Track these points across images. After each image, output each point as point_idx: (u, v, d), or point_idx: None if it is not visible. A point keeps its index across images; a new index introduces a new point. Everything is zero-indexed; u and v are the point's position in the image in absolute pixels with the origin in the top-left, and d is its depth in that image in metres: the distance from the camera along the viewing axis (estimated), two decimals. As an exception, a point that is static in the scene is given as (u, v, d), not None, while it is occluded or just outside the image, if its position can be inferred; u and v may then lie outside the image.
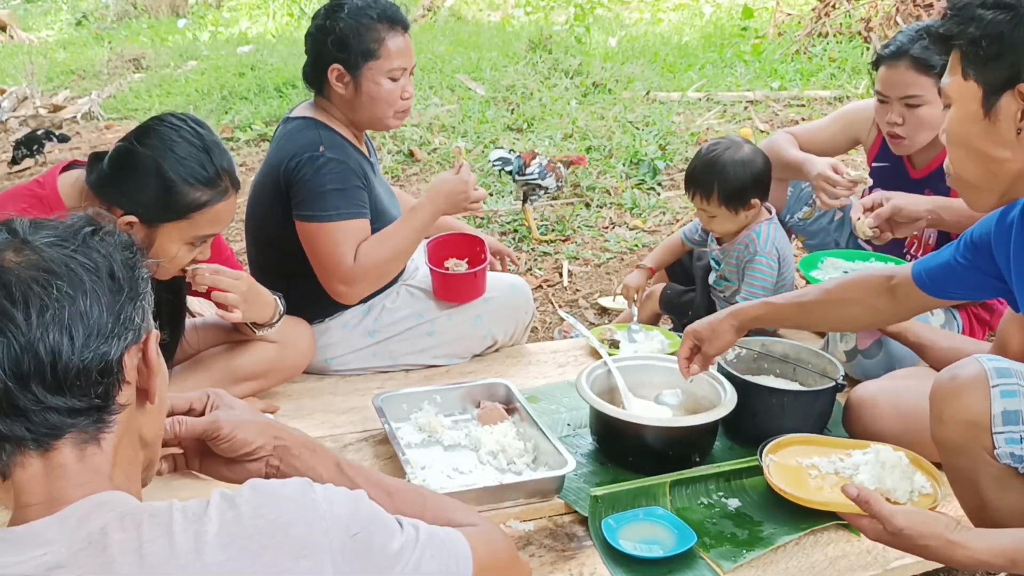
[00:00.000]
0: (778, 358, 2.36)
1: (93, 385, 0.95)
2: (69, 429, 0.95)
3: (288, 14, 10.95)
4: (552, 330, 3.34)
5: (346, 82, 2.42)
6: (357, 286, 2.45)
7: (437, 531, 1.08)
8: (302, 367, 2.51)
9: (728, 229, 2.71)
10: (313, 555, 0.93)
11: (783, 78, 6.44)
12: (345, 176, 2.39)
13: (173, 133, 1.91)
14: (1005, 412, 1.53)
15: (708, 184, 2.63)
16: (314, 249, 2.41)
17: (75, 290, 0.94)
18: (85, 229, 0.99)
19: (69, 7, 12.88)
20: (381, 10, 2.42)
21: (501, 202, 4.53)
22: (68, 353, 0.93)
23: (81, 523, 0.92)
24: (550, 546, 1.88)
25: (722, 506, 1.99)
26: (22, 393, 0.92)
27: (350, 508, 1.00)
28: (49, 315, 0.92)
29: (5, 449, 0.95)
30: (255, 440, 1.22)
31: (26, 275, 0.93)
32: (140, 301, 1.00)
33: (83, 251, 0.97)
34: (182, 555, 0.90)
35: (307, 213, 2.38)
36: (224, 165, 1.95)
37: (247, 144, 5.86)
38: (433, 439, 2.20)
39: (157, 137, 1.91)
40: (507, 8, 10.01)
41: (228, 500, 0.95)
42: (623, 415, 2.08)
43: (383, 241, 2.46)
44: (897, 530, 1.42)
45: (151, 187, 1.89)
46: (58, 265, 0.95)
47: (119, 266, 0.99)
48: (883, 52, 2.49)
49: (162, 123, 1.94)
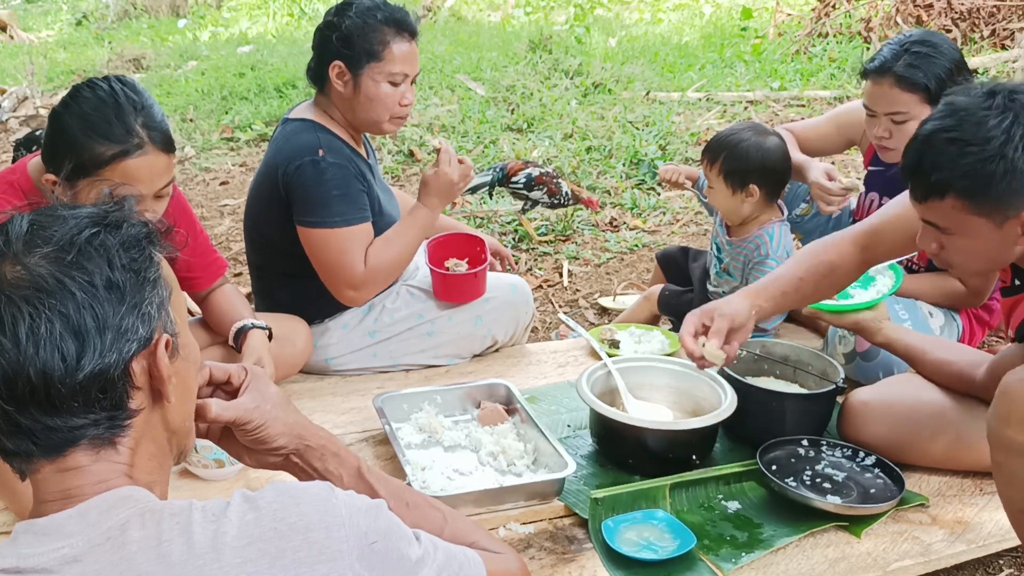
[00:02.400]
0: (778, 360, 2.35)
1: (95, 401, 0.94)
2: (79, 440, 0.95)
3: (288, 14, 10.96)
4: (552, 330, 3.34)
5: (346, 80, 2.42)
6: (366, 290, 2.46)
7: (455, 551, 1.08)
8: (299, 365, 2.52)
9: (723, 208, 2.72)
10: (331, 561, 0.93)
11: (783, 78, 6.44)
12: (347, 180, 2.39)
13: (88, 91, 1.91)
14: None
15: (717, 152, 2.67)
16: (321, 255, 2.41)
17: (67, 307, 0.91)
18: (86, 232, 0.95)
19: (69, 7, 12.87)
20: (389, 13, 2.41)
21: (501, 202, 4.53)
22: (61, 374, 0.90)
23: (102, 517, 0.92)
24: (550, 549, 1.88)
25: (722, 508, 1.99)
26: (21, 415, 0.91)
27: (370, 517, 0.99)
28: (38, 336, 0.90)
29: (16, 461, 0.95)
30: (278, 439, 1.22)
31: (15, 294, 0.91)
32: (145, 306, 0.97)
33: (79, 261, 0.93)
34: (200, 555, 0.90)
35: (312, 219, 2.38)
36: (138, 123, 1.90)
37: (247, 144, 5.86)
38: (433, 440, 2.20)
39: (73, 97, 1.91)
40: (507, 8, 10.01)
41: (250, 501, 0.95)
42: (623, 417, 2.08)
43: (388, 244, 2.46)
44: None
45: (60, 145, 1.89)
46: (49, 282, 0.91)
47: (120, 271, 0.95)
48: (869, 66, 2.49)
49: (85, 86, 1.94)
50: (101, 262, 0.94)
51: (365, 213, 2.43)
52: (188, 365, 1.05)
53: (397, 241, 2.47)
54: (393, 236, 2.48)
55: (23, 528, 0.94)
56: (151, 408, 1.00)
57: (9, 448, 0.95)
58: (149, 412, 1.00)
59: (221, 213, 4.67)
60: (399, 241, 2.47)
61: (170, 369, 1.00)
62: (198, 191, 5.05)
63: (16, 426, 0.92)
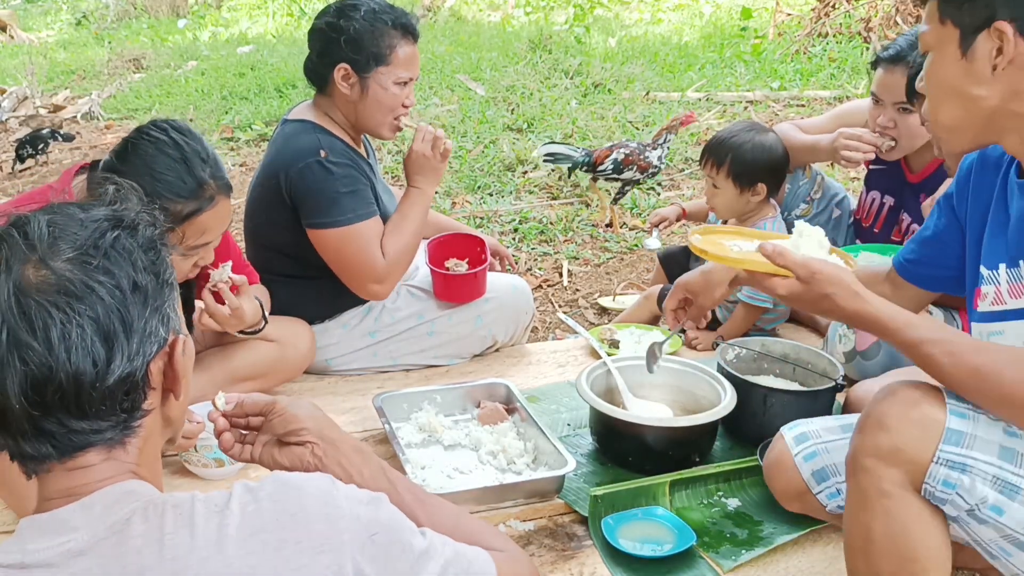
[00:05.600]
0: (778, 358, 2.36)
1: (119, 404, 0.94)
2: (95, 443, 0.95)
3: (288, 14, 10.96)
4: (552, 330, 3.34)
5: (352, 83, 2.42)
6: (390, 281, 2.46)
7: (465, 550, 1.08)
8: (302, 368, 2.52)
9: (728, 207, 2.73)
10: (332, 552, 0.93)
11: (783, 78, 6.45)
12: (352, 177, 2.39)
13: (151, 147, 1.88)
14: (814, 473, 1.69)
15: (722, 155, 2.68)
16: (340, 255, 2.41)
17: (96, 311, 0.91)
18: (108, 235, 0.95)
19: (69, 7, 12.87)
20: (396, 17, 2.42)
21: (501, 202, 4.54)
22: (92, 379, 0.90)
23: (106, 511, 0.93)
24: (550, 546, 1.88)
25: (722, 506, 2.00)
26: (47, 420, 0.91)
27: (371, 509, 0.99)
28: (70, 341, 0.89)
29: (30, 463, 0.95)
30: (304, 420, 1.24)
31: (44, 299, 0.90)
32: (164, 308, 0.98)
33: (105, 265, 0.93)
34: (203, 547, 0.90)
35: (324, 220, 2.37)
36: (207, 174, 1.90)
37: (247, 144, 5.86)
38: (433, 439, 2.20)
39: (136, 154, 1.88)
40: (507, 8, 10.02)
41: (251, 492, 0.95)
42: (623, 415, 2.09)
43: (398, 230, 2.46)
44: (809, 274, 1.49)
45: None
46: (78, 286, 0.91)
47: (142, 273, 0.96)
48: (882, 54, 2.51)
49: (142, 137, 1.91)
50: (126, 265, 0.95)
51: (374, 207, 2.44)
52: (189, 360, 1.06)
53: (404, 226, 2.47)
54: (398, 221, 2.48)
55: (27, 524, 0.94)
56: (159, 407, 1.02)
57: (26, 452, 0.94)
58: (157, 409, 1.01)
59: (221, 213, 4.67)
60: (406, 226, 2.47)
61: (186, 368, 1.01)
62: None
63: (39, 430, 0.92)
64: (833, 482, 1.67)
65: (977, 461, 1.35)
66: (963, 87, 1.43)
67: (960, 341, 1.41)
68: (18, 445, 0.94)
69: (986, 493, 1.35)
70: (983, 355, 1.37)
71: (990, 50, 1.38)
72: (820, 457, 1.69)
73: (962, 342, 1.41)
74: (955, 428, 1.37)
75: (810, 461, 1.70)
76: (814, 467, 1.69)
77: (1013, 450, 1.36)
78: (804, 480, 1.70)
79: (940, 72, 1.46)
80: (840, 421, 1.74)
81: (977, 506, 1.36)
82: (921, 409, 1.38)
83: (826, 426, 1.73)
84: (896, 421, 1.38)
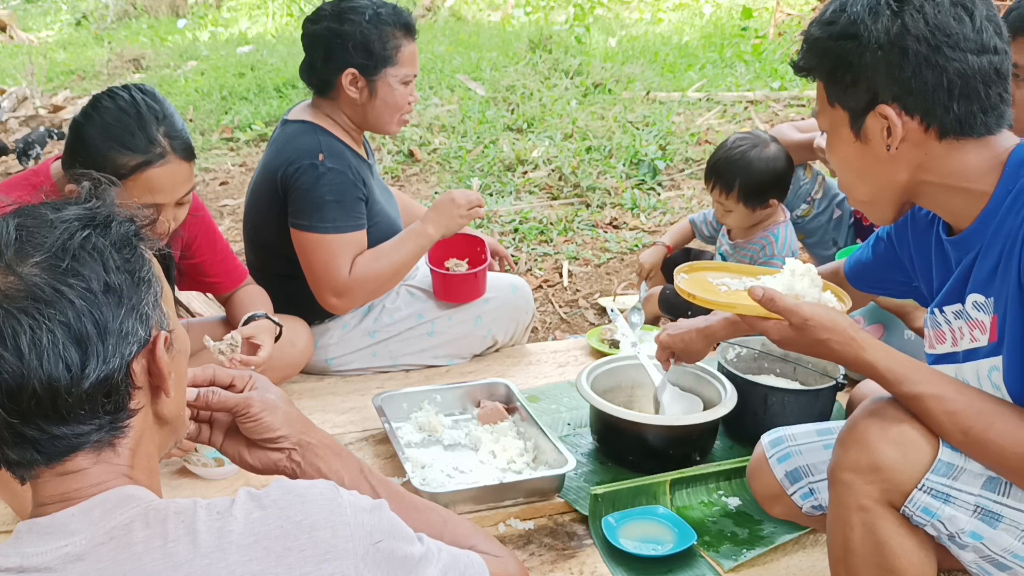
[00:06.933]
0: (779, 357, 2.36)
1: (100, 406, 0.93)
2: (83, 447, 0.94)
3: (288, 14, 10.95)
4: (552, 330, 3.34)
5: (360, 87, 2.42)
6: (348, 299, 2.45)
7: (458, 553, 1.08)
8: (300, 366, 2.52)
9: (742, 225, 2.73)
10: (336, 560, 0.93)
11: (783, 78, 6.45)
12: (344, 187, 2.39)
13: (109, 101, 1.91)
14: (788, 473, 1.69)
15: (730, 179, 2.65)
16: (309, 259, 2.41)
17: (67, 316, 0.89)
18: (77, 236, 0.93)
19: (69, 7, 12.88)
20: (397, 16, 2.42)
21: (501, 202, 4.54)
22: (67, 384, 0.89)
23: (105, 516, 0.92)
24: (550, 545, 1.88)
25: (722, 505, 1.99)
26: (27, 427, 0.91)
27: (374, 516, 0.99)
28: (41, 347, 0.88)
29: (18, 469, 0.95)
30: (281, 428, 1.20)
31: (12, 306, 0.88)
32: (141, 306, 0.96)
33: (74, 267, 0.91)
34: (206, 554, 0.89)
35: (304, 223, 2.38)
36: (160, 132, 1.90)
37: (247, 144, 5.86)
38: (433, 438, 2.20)
39: (96, 110, 1.91)
40: (507, 8, 10.01)
41: (255, 499, 0.94)
42: (623, 414, 2.08)
43: (380, 257, 2.45)
44: (802, 321, 1.44)
45: (82, 155, 1.89)
46: (46, 291, 0.89)
47: (115, 273, 0.93)
48: None
49: (105, 95, 1.94)
50: (96, 266, 0.93)
51: (359, 222, 2.43)
52: (181, 355, 1.04)
53: (388, 256, 2.46)
54: (385, 250, 2.47)
55: (25, 527, 0.94)
56: (148, 404, 1.00)
57: (12, 458, 0.94)
58: (146, 408, 1.00)
59: (221, 213, 4.67)
60: (390, 256, 2.46)
61: (170, 365, 0.99)
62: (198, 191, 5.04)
63: (20, 436, 0.91)
64: (806, 482, 1.66)
65: (961, 492, 1.35)
66: (867, 168, 1.43)
67: (960, 399, 1.36)
68: (3, 452, 0.93)
69: (965, 523, 1.35)
70: (984, 421, 1.33)
71: (880, 130, 1.37)
72: (793, 458, 1.69)
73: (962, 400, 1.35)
74: (946, 460, 1.35)
75: (784, 462, 1.69)
76: (787, 468, 1.69)
77: (998, 480, 1.35)
78: (778, 481, 1.70)
79: (841, 153, 1.46)
80: (817, 427, 1.74)
81: (956, 534, 1.36)
82: (901, 429, 1.37)
83: (802, 431, 1.73)
84: (876, 439, 1.37)
